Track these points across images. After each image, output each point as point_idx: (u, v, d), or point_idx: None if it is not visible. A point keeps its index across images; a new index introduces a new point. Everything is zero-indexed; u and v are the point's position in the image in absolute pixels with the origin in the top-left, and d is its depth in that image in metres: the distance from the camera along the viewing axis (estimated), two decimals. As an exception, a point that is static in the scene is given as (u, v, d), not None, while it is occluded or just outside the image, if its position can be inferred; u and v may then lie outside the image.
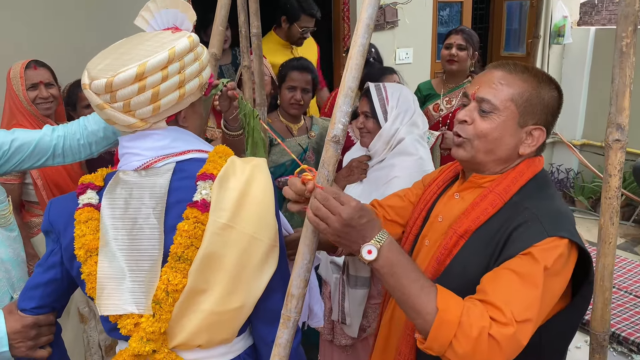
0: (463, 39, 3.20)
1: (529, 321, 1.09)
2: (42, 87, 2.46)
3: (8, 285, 1.50)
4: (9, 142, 1.60)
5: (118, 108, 1.16)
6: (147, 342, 1.18)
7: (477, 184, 1.33)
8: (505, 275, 1.13)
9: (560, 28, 5.76)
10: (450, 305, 1.08)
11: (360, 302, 2.09)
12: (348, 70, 1.08)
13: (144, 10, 1.30)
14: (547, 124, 1.29)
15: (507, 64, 1.33)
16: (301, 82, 2.68)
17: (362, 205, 1.10)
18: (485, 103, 1.28)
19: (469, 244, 1.26)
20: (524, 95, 1.26)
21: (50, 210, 1.28)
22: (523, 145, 1.28)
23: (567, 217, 1.21)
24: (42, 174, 2.41)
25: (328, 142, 1.12)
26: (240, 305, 1.21)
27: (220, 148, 1.29)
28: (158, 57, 1.14)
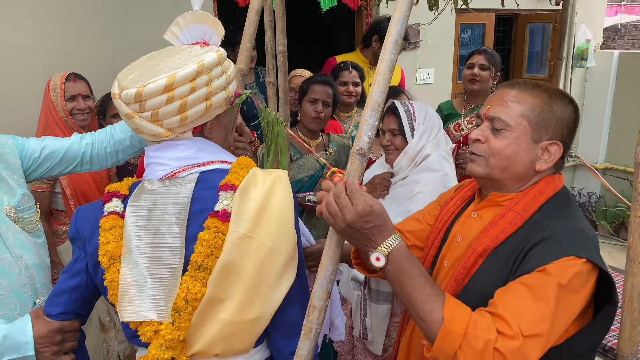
0: (485, 59, 3.20)
1: (538, 336, 1.07)
2: (80, 99, 2.55)
3: (32, 291, 1.52)
4: (39, 149, 1.65)
5: (146, 117, 1.18)
6: (166, 350, 1.19)
7: (495, 202, 1.32)
8: (516, 288, 1.12)
9: (583, 51, 5.75)
10: (456, 316, 1.08)
11: (383, 318, 2.07)
12: (376, 85, 1.10)
13: (174, 25, 1.33)
14: (563, 139, 1.28)
15: (517, 82, 1.33)
16: (323, 95, 2.71)
17: (371, 210, 1.09)
18: (497, 121, 1.28)
19: (487, 262, 1.25)
20: (536, 111, 1.26)
21: (77, 217, 1.31)
22: (539, 161, 1.27)
23: (589, 237, 1.20)
24: (71, 183, 2.47)
25: (354, 154, 1.13)
26: (258, 316, 1.21)
27: (243, 159, 1.30)
28: (187, 69, 1.16)
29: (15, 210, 1.52)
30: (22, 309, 1.47)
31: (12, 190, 1.55)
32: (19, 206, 1.54)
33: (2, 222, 1.48)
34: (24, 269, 1.50)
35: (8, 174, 1.56)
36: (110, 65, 2.64)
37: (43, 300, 1.53)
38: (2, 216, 1.49)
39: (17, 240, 1.50)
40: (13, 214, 1.51)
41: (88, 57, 3.12)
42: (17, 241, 1.50)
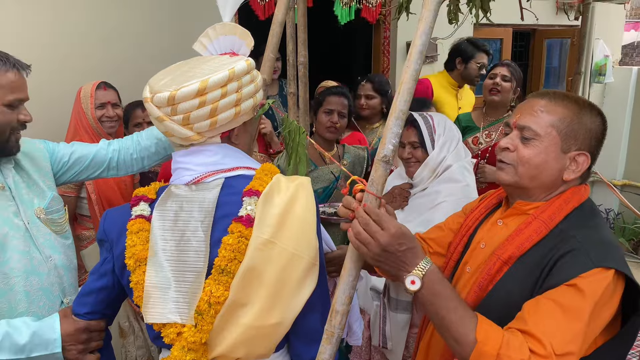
0: (508, 71, 3.20)
1: (570, 355, 1.08)
2: (109, 107, 2.63)
3: (60, 290, 1.56)
4: (69, 154, 1.71)
5: (177, 121, 1.21)
6: (188, 352, 1.21)
7: (521, 211, 1.33)
8: (548, 305, 1.13)
9: (601, 67, 5.73)
10: (489, 337, 1.09)
11: (403, 327, 2.07)
12: (400, 94, 1.13)
13: (203, 37, 1.37)
14: (591, 150, 1.29)
15: (547, 92, 1.35)
16: (338, 106, 2.75)
17: (402, 232, 1.12)
18: (526, 130, 1.30)
19: (512, 270, 1.26)
20: (565, 121, 1.27)
21: (106, 220, 1.34)
22: (567, 170, 1.28)
23: (614, 247, 1.20)
24: (97, 189, 2.53)
25: (378, 161, 1.16)
26: (279, 322, 1.22)
27: (267, 166, 1.33)
28: (219, 75, 1.20)
29: (45, 212, 1.57)
30: (50, 307, 1.52)
31: (43, 192, 1.60)
32: (48, 208, 1.59)
33: (33, 223, 1.53)
34: (53, 269, 1.55)
35: (39, 176, 1.62)
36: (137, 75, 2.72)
37: (70, 300, 1.57)
38: (32, 217, 1.54)
39: (47, 241, 1.55)
40: (43, 216, 1.56)
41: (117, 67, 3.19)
42: (46, 242, 1.55)
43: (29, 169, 1.60)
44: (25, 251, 1.48)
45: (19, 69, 1.48)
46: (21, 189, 1.55)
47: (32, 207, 1.55)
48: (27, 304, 1.47)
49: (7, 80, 1.44)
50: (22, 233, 1.49)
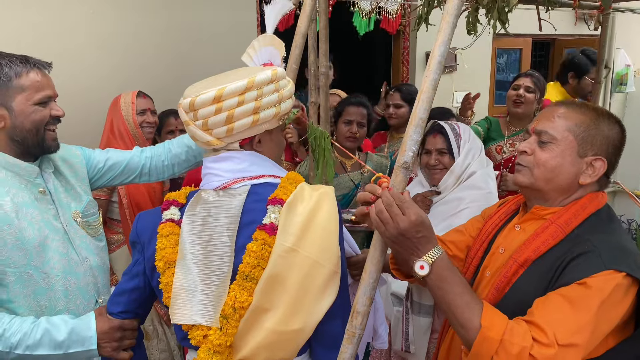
0: (532, 82, 3.18)
1: (574, 346, 1.11)
2: (149, 114, 2.78)
3: (94, 290, 1.64)
4: (104, 160, 1.79)
5: (199, 126, 1.28)
6: (214, 354, 1.25)
7: (538, 216, 1.37)
8: (555, 299, 1.16)
9: (622, 77, 5.69)
10: (494, 323, 1.13)
11: (425, 331, 2.10)
12: (420, 102, 1.18)
13: (250, 48, 1.44)
14: (608, 156, 1.32)
15: (565, 101, 1.41)
16: (357, 116, 2.81)
17: (422, 220, 1.16)
18: (544, 134, 1.34)
19: (528, 272, 1.29)
20: (582, 127, 1.31)
21: (138, 223, 1.40)
22: (583, 175, 1.31)
23: (630, 252, 1.22)
24: (128, 193, 2.63)
25: (398, 167, 1.20)
26: (301, 328, 1.25)
27: (292, 175, 1.36)
28: (237, 84, 1.25)
29: (81, 215, 1.65)
30: (86, 306, 1.59)
31: (79, 197, 1.68)
32: (84, 212, 1.66)
33: (70, 226, 1.61)
34: (89, 270, 1.62)
35: (76, 182, 1.70)
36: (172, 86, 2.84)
37: (104, 300, 1.64)
38: (70, 220, 1.61)
39: (83, 242, 1.63)
40: (80, 219, 1.64)
41: (155, 78, 3.30)
42: (82, 244, 1.62)
43: (67, 174, 1.67)
44: (64, 253, 1.55)
45: (40, 67, 1.54)
46: (60, 193, 1.62)
47: (69, 210, 1.63)
48: (65, 302, 1.54)
49: (31, 81, 1.50)
50: (61, 235, 1.56)
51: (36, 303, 1.49)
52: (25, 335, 1.38)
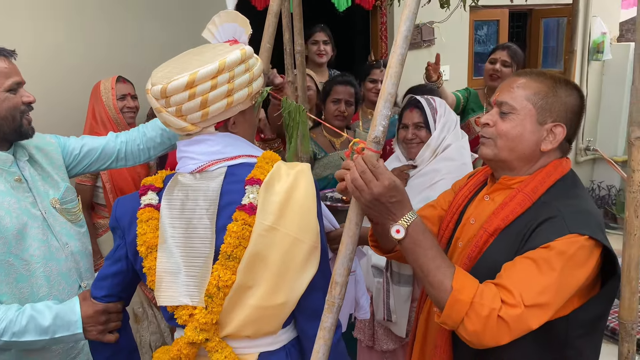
0: (508, 55, 3.20)
1: (540, 306, 1.16)
2: (129, 98, 2.78)
3: (77, 275, 1.66)
4: (79, 147, 1.79)
5: (172, 112, 1.26)
6: (200, 332, 1.28)
7: (506, 186, 1.40)
8: (522, 262, 1.21)
9: (599, 44, 5.74)
10: (464, 286, 1.17)
11: (405, 300, 2.15)
12: (388, 78, 1.20)
13: (211, 24, 1.40)
14: (567, 121, 1.35)
15: (524, 71, 1.42)
16: (345, 95, 2.83)
17: (395, 185, 1.19)
18: (504, 105, 1.37)
19: (497, 240, 1.33)
20: (540, 94, 1.35)
21: (117, 208, 1.41)
22: (545, 141, 1.35)
23: (593, 216, 1.27)
24: (111, 178, 2.65)
25: (370, 142, 1.23)
26: (284, 302, 1.29)
27: (268, 154, 1.36)
28: (208, 68, 1.23)
29: (60, 202, 1.66)
30: (69, 291, 1.61)
31: (57, 184, 1.69)
32: (63, 198, 1.68)
33: (49, 213, 1.62)
34: (70, 255, 1.64)
35: (52, 169, 1.70)
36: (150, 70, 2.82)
37: (87, 284, 1.67)
38: (49, 208, 1.63)
39: (63, 229, 1.64)
40: (58, 206, 1.65)
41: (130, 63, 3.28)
42: (62, 230, 1.64)
43: (42, 162, 1.68)
44: (43, 239, 1.57)
45: (6, 55, 1.55)
46: (37, 181, 1.63)
47: (47, 197, 1.63)
48: (47, 288, 1.56)
49: None
50: (40, 222, 1.57)
51: (18, 290, 1.51)
52: (11, 323, 1.40)
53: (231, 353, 1.31)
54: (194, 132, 1.31)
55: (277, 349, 1.37)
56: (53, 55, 3.09)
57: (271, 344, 1.36)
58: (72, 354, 1.64)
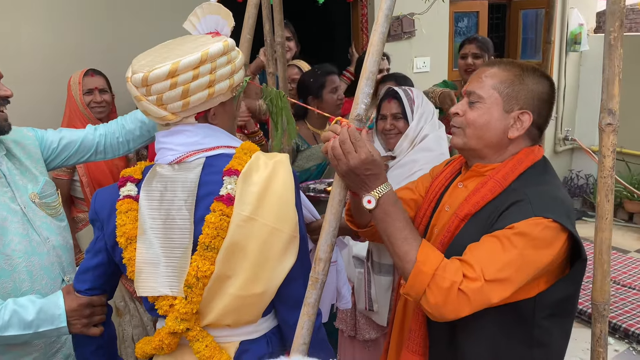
0: (477, 47, 3.26)
1: (500, 281, 1.20)
2: (97, 93, 2.72)
3: (59, 269, 1.65)
4: (57, 140, 1.77)
5: (152, 101, 1.26)
6: (181, 322, 1.29)
7: (479, 173, 1.43)
8: (486, 240, 1.25)
9: (576, 36, 5.82)
10: (429, 259, 1.21)
11: (386, 290, 2.18)
12: (370, 55, 1.21)
13: (192, 15, 1.40)
14: (534, 109, 1.38)
15: (493, 60, 1.46)
16: (337, 82, 2.93)
17: (372, 159, 1.21)
18: (472, 95, 1.41)
19: (467, 225, 1.37)
20: (506, 83, 1.37)
21: (96, 200, 1.41)
22: (512, 129, 1.38)
23: (560, 202, 1.29)
24: (88, 172, 2.62)
25: (352, 120, 1.24)
26: (263, 291, 1.30)
27: (247, 145, 1.37)
28: (191, 57, 1.23)
29: (39, 196, 1.64)
30: (52, 285, 1.60)
31: (35, 178, 1.67)
32: (42, 193, 1.66)
33: (29, 207, 1.61)
34: (52, 249, 1.63)
35: (31, 163, 1.68)
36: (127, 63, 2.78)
37: (70, 278, 1.66)
38: (28, 202, 1.61)
39: (43, 223, 1.63)
40: (37, 200, 1.64)
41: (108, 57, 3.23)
42: (43, 224, 1.63)
43: (20, 156, 1.66)
44: (24, 234, 1.55)
45: None
46: (15, 175, 1.61)
47: (26, 192, 1.62)
48: (30, 282, 1.55)
49: None
50: (19, 217, 1.56)
51: (1, 286, 1.49)
52: None
53: (212, 342, 1.33)
54: (173, 122, 1.31)
55: (258, 337, 1.38)
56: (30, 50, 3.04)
57: (252, 333, 1.38)
58: (54, 348, 1.63)
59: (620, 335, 3.55)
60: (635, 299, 3.98)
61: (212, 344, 1.32)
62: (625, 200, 5.65)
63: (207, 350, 1.31)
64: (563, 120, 6.11)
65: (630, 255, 4.85)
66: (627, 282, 4.24)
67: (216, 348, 1.32)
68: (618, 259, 4.70)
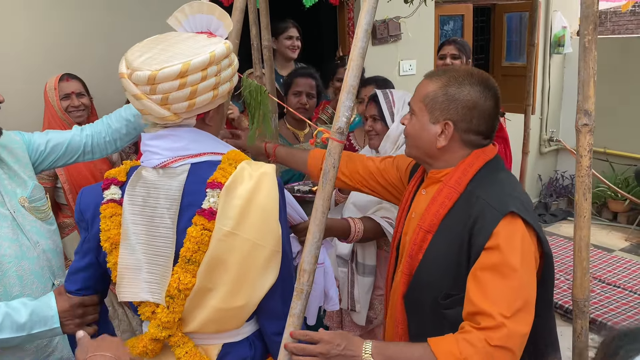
0: (456, 48, 3.32)
1: (520, 310, 1.19)
2: (74, 97, 2.69)
3: (50, 273, 1.65)
4: (44, 142, 1.77)
5: (156, 100, 1.22)
6: (163, 329, 1.30)
7: (435, 179, 1.46)
8: (483, 277, 1.24)
9: (560, 38, 5.91)
10: (446, 349, 1.20)
11: (368, 290, 2.22)
12: (350, 70, 1.24)
13: (179, 12, 1.36)
14: (460, 117, 1.39)
15: (431, 72, 1.49)
16: (306, 87, 2.86)
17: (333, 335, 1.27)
18: (410, 107, 1.48)
19: (436, 239, 1.38)
20: (429, 95, 1.42)
21: (81, 200, 1.39)
22: (438, 139, 1.41)
23: (514, 196, 1.32)
24: (69, 179, 2.60)
25: (333, 133, 1.27)
26: (244, 304, 1.30)
27: (232, 154, 1.33)
28: (200, 58, 1.21)
29: (28, 200, 1.65)
30: (43, 289, 1.61)
31: (24, 182, 1.67)
32: (31, 197, 1.66)
33: (18, 212, 1.61)
34: (42, 253, 1.63)
35: (19, 167, 1.68)
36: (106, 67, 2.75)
37: (60, 281, 1.66)
38: (17, 207, 1.61)
39: (33, 227, 1.63)
40: (27, 204, 1.64)
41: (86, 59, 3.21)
42: (33, 229, 1.63)
43: (8, 161, 1.66)
44: (14, 239, 1.56)
45: None
46: (3, 180, 1.62)
47: (15, 197, 1.62)
48: (20, 287, 1.56)
49: None
50: (9, 222, 1.56)
51: None
52: None
53: (192, 348, 1.33)
54: (174, 123, 1.29)
55: (240, 340, 1.38)
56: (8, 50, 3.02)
57: (235, 336, 1.38)
58: (46, 352, 1.63)
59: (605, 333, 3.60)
60: (620, 296, 4.05)
61: (192, 350, 1.32)
62: (609, 200, 5.73)
63: (187, 357, 1.31)
64: (548, 122, 6.19)
65: (614, 254, 4.92)
66: (612, 281, 4.31)
67: (196, 354, 1.32)
68: (603, 258, 4.77)
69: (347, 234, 1.96)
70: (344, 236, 1.96)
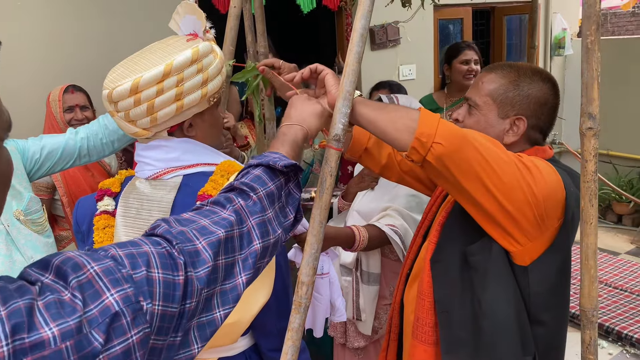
0: (476, 53, 3.31)
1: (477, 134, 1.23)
2: (78, 110, 2.64)
3: (45, 287, 1.62)
4: (39, 150, 1.74)
5: (121, 117, 1.21)
6: None
7: None
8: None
9: (560, 40, 5.88)
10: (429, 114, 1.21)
11: (373, 299, 2.18)
12: (345, 76, 1.21)
13: (176, 14, 1.33)
14: (531, 113, 1.38)
15: (493, 65, 1.46)
16: None
17: None
18: (470, 102, 1.43)
19: None
20: (500, 89, 1.39)
21: (78, 211, 1.37)
22: (506, 134, 1.39)
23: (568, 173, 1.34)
24: (68, 191, 2.57)
25: (330, 141, 1.23)
26: (236, 321, 1.26)
27: (225, 165, 1.29)
28: (152, 72, 1.15)
29: (24, 213, 1.62)
30: None
31: (20, 194, 1.64)
32: (27, 209, 1.63)
33: (13, 225, 1.58)
34: None
35: (14, 179, 1.64)
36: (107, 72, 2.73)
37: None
38: (12, 220, 1.59)
39: (28, 241, 1.61)
40: (22, 217, 1.61)
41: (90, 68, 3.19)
42: (28, 243, 1.61)
43: None
44: (7, 254, 1.54)
45: None
46: None
47: (11, 210, 1.60)
48: None
49: None
50: (3, 237, 1.54)
51: None
52: None
53: None
54: (147, 137, 1.26)
55: (236, 354, 1.35)
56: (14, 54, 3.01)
57: (230, 350, 1.35)
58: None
59: (613, 338, 3.55)
60: (627, 301, 3.99)
61: None
62: (613, 202, 5.68)
63: None
64: (550, 124, 6.15)
65: (620, 257, 4.87)
66: (619, 285, 4.25)
67: None
68: (609, 261, 4.71)
69: (352, 242, 1.92)
70: (348, 245, 1.92)
